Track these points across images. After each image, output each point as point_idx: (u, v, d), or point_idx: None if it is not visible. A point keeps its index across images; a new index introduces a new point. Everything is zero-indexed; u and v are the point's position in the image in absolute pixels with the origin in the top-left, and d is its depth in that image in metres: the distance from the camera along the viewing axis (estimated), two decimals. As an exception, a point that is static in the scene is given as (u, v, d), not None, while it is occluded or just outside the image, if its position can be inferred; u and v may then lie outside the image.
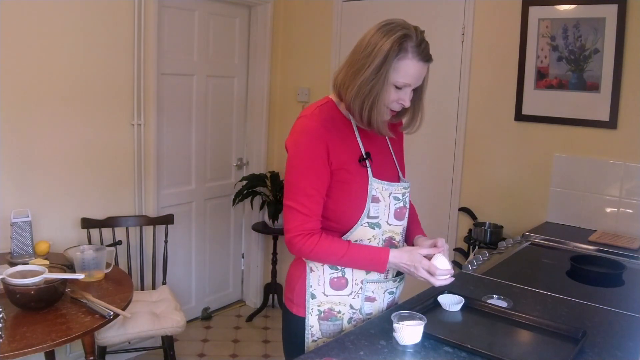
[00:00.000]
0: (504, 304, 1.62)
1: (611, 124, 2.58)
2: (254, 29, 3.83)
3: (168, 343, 2.82)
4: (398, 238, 1.63)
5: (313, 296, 1.58)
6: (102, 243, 2.90)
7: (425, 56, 1.44)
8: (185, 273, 3.68)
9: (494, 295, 1.67)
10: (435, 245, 1.55)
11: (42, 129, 2.71)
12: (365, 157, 1.53)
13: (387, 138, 1.65)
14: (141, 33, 3.03)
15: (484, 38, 2.96)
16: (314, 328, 1.58)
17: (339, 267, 1.56)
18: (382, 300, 1.63)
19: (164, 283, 3.12)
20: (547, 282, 1.92)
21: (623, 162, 2.57)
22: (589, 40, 2.60)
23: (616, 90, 2.55)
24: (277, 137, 3.97)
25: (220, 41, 3.65)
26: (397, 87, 1.45)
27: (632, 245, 2.33)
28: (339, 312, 1.59)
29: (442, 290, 1.65)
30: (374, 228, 1.55)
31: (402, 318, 1.37)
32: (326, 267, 1.57)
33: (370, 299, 1.60)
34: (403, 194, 1.60)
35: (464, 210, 3.06)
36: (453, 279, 1.49)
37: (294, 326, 1.62)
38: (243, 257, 4.13)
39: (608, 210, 2.62)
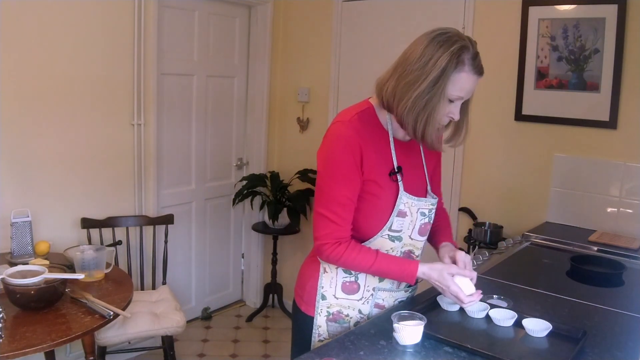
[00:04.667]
0: (504, 304, 1.62)
1: (611, 124, 2.58)
2: (254, 29, 3.83)
3: (168, 343, 2.82)
4: (417, 252, 1.62)
5: (324, 297, 1.58)
6: (102, 243, 2.90)
7: (480, 69, 1.39)
8: (185, 273, 3.68)
9: (494, 295, 1.66)
10: (454, 260, 1.53)
11: (42, 128, 2.71)
12: (397, 170, 1.50)
13: (422, 151, 1.62)
14: (141, 33, 3.03)
15: (484, 38, 2.95)
16: (321, 328, 1.59)
17: (353, 272, 1.56)
18: (391, 309, 1.62)
19: (164, 283, 3.12)
20: (547, 282, 1.92)
21: (623, 162, 2.57)
22: (589, 40, 2.60)
23: (616, 90, 2.55)
24: (277, 137, 3.97)
25: (220, 41, 3.65)
26: (450, 101, 1.40)
27: (632, 245, 2.33)
28: (347, 315, 1.59)
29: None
30: (393, 241, 1.54)
31: (402, 318, 1.37)
32: (340, 270, 1.56)
33: (380, 306, 1.61)
34: (430, 210, 1.58)
35: (464, 210, 3.06)
36: (481, 296, 1.48)
37: (301, 323, 1.62)
38: (243, 257, 4.13)
39: (608, 210, 2.62)
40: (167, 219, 3.12)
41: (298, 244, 3.92)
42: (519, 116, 2.86)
